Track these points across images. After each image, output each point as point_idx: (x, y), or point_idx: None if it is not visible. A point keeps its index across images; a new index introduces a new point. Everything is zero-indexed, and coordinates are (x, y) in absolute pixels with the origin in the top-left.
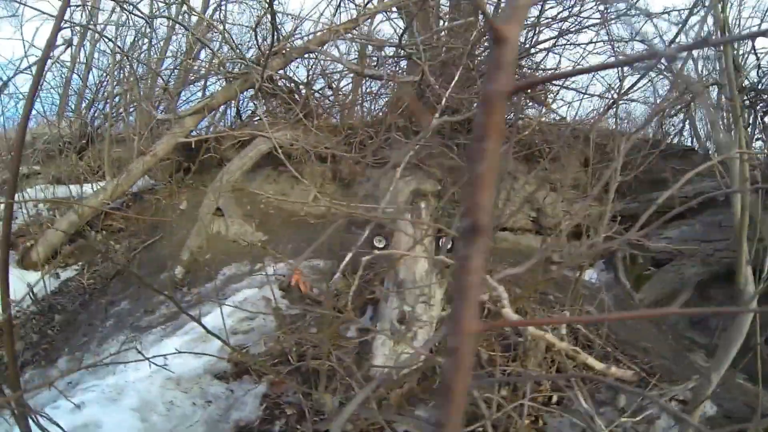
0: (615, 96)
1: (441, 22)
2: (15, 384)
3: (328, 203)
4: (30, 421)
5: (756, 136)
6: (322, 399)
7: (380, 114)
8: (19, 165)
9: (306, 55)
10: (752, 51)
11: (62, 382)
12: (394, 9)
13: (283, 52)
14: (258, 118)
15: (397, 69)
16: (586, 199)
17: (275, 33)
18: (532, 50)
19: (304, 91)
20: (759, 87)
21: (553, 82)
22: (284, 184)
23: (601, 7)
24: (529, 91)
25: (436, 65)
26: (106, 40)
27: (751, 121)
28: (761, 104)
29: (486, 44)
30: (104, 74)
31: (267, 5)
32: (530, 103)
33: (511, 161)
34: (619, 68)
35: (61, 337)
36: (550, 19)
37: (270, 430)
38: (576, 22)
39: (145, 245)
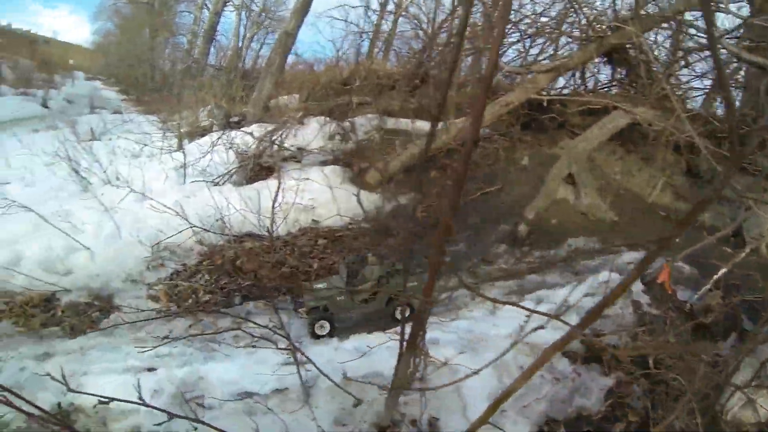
0: None
1: None
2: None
3: None
4: None
5: None
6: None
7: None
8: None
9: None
10: None
11: None
12: None
13: (641, 16)
14: (607, 87)
15: None
16: None
17: None
18: None
19: (660, 68)
20: None
21: None
22: (630, 164)
23: None
24: None
25: None
26: None
27: None
28: None
29: None
30: (442, 21)
31: None
32: None
33: None
34: None
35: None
36: None
37: (609, 431)
38: None
39: (481, 192)
